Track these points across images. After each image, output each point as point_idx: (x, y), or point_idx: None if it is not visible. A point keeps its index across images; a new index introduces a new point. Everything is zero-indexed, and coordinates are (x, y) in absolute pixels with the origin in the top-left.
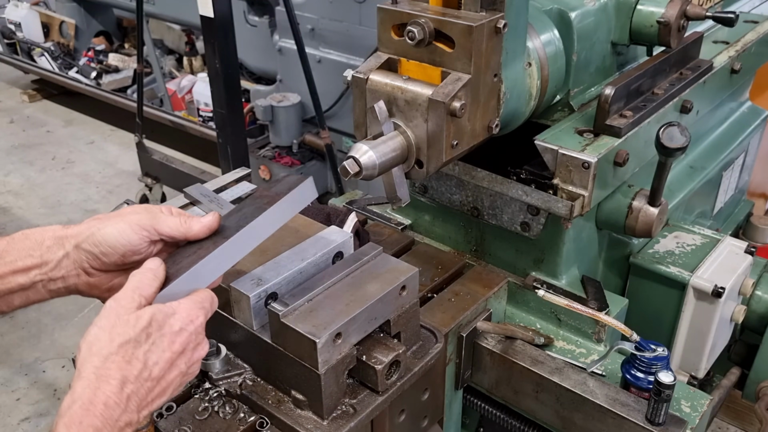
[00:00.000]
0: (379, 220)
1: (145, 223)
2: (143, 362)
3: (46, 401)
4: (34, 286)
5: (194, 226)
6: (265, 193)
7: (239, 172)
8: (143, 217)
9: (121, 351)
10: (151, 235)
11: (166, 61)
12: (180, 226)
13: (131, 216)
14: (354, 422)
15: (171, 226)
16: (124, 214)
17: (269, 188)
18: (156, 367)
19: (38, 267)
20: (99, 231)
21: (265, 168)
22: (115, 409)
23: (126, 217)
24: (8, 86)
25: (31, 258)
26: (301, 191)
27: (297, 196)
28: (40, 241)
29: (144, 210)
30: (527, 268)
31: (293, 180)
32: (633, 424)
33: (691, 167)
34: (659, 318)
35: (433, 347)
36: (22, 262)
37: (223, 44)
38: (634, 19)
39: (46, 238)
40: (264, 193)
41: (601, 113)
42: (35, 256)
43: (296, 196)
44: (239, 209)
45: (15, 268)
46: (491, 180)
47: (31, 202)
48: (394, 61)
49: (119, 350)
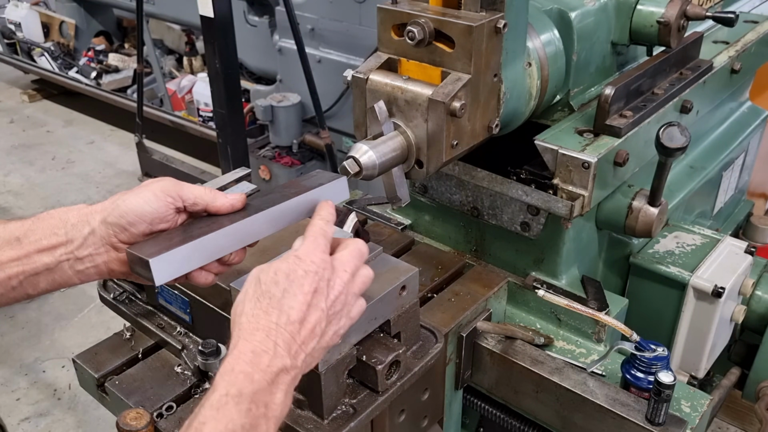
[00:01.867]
0: (379, 220)
1: (169, 190)
2: (279, 309)
3: (46, 401)
4: (59, 266)
5: (219, 198)
6: (295, 183)
7: (239, 172)
8: (167, 184)
9: (258, 305)
10: (176, 201)
11: (166, 61)
12: (205, 194)
13: (155, 184)
14: (354, 422)
15: (196, 193)
16: (148, 184)
17: (301, 180)
18: (293, 311)
19: (63, 245)
20: (124, 202)
21: (265, 168)
22: (263, 356)
23: (150, 186)
24: (8, 86)
25: (55, 236)
26: (331, 188)
27: (326, 192)
28: (64, 219)
29: (167, 179)
30: (527, 268)
31: (326, 176)
32: (633, 424)
33: (691, 167)
34: (659, 318)
35: (433, 347)
36: (47, 240)
37: (223, 44)
38: (634, 19)
39: (71, 216)
40: (294, 183)
41: (601, 113)
42: (59, 234)
43: (326, 192)
44: (265, 194)
45: (40, 247)
46: (491, 180)
47: (31, 202)
48: (394, 61)
49: (257, 304)
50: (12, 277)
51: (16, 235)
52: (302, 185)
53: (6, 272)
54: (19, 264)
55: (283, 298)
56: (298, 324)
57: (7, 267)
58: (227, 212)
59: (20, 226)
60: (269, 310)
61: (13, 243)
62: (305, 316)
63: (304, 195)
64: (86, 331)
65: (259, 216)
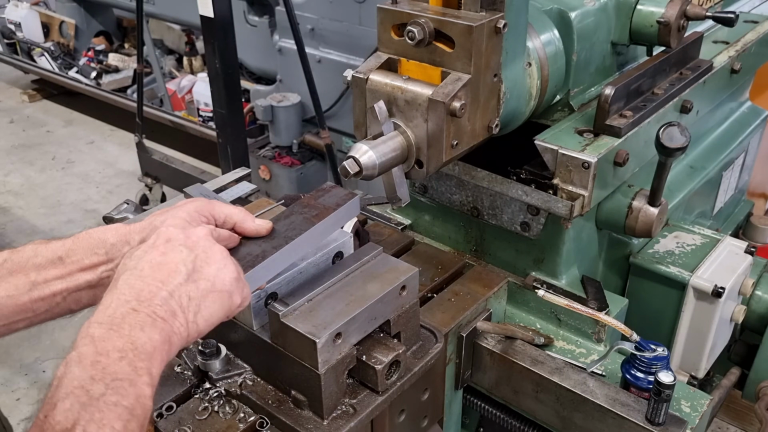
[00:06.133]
0: (379, 220)
1: (203, 210)
2: (137, 259)
3: None
4: (101, 283)
5: (249, 223)
6: (312, 203)
7: (239, 172)
8: (200, 204)
9: (126, 261)
10: (209, 220)
11: (166, 61)
12: (235, 215)
13: (189, 205)
14: (354, 422)
15: (227, 212)
16: (182, 205)
17: (316, 197)
18: (147, 265)
19: (105, 264)
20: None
21: (265, 168)
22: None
23: (185, 207)
24: (8, 86)
25: (96, 255)
26: (347, 208)
27: (343, 213)
28: (103, 238)
29: (198, 199)
30: (527, 268)
31: (341, 195)
32: (633, 424)
33: (691, 167)
34: (659, 318)
35: (433, 347)
36: (89, 260)
37: (223, 44)
38: (634, 19)
39: (109, 235)
40: (311, 203)
41: (601, 113)
42: (100, 253)
43: (343, 213)
44: (287, 216)
45: (82, 266)
46: (491, 180)
47: (31, 202)
48: (394, 61)
49: (126, 261)
50: (57, 293)
51: (59, 254)
52: (320, 205)
53: (51, 289)
54: (63, 281)
55: (146, 252)
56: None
57: (53, 284)
58: (251, 236)
59: (61, 245)
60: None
61: (56, 262)
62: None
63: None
64: None
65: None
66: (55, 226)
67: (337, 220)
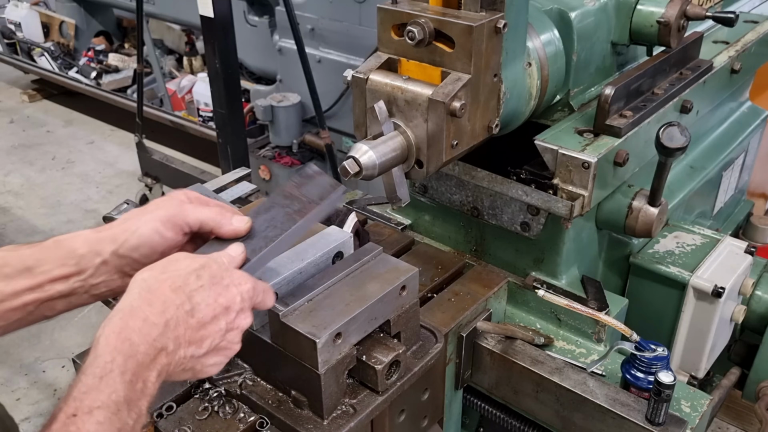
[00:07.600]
0: (379, 220)
1: (176, 218)
2: (188, 296)
3: (46, 401)
4: (74, 293)
5: (226, 226)
6: (294, 194)
7: (239, 172)
8: (171, 211)
9: (168, 281)
10: (183, 228)
11: (166, 61)
12: (209, 220)
13: (160, 211)
14: (354, 422)
15: (201, 218)
16: (153, 210)
17: (298, 185)
18: (198, 307)
19: (76, 275)
20: (134, 234)
21: (265, 168)
22: (153, 329)
23: (156, 213)
24: (8, 86)
25: (66, 267)
26: (331, 201)
27: (326, 206)
28: (72, 248)
29: (171, 202)
30: (527, 268)
31: (325, 186)
32: (633, 424)
33: (691, 167)
34: (659, 318)
35: (433, 347)
36: (59, 271)
37: (223, 44)
38: (634, 19)
39: (78, 245)
40: (293, 193)
41: (601, 113)
42: (70, 264)
43: (326, 206)
44: (267, 209)
45: (52, 277)
46: (491, 180)
47: (31, 202)
48: (394, 61)
49: (167, 279)
50: (28, 303)
51: (27, 264)
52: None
53: (22, 299)
54: (33, 292)
55: (196, 291)
56: (196, 322)
57: (23, 295)
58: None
59: (30, 254)
60: (177, 291)
61: (25, 273)
62: (206, 322)
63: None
64: (86, 331)
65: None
66: (55, 226)
67: (319, 213)
